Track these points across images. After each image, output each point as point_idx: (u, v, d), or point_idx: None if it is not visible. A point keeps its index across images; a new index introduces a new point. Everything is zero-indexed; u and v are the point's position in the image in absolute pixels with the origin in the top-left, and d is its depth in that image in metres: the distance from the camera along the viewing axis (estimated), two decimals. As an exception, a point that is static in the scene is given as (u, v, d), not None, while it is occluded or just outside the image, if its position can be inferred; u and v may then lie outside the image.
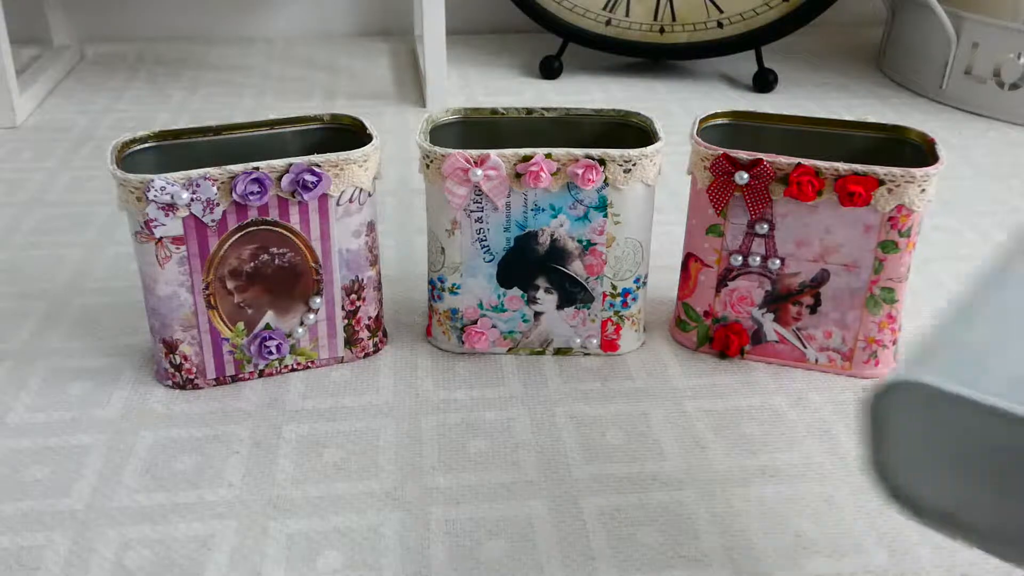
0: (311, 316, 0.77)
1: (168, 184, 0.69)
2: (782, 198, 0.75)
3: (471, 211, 0.76)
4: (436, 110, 0.90)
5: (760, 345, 0.81)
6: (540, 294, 0.80)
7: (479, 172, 0.73)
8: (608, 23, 1.53)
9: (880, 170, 0.72)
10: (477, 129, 0.82)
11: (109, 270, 0.96)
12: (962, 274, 0.97)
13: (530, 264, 0.78)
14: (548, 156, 0.74)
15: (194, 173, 0.70)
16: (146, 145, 0.76)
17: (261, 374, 0.79)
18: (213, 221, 0.71)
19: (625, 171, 0.74)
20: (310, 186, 0.72)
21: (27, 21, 1.64)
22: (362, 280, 0.78)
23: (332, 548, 0.62)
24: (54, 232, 1.04)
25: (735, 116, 0.82)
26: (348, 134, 0.80)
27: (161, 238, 0.71)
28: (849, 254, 0.75)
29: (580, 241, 0.77)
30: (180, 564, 0.61)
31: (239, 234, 0.73)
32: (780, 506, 0.66)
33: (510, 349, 0.82)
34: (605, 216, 0.76)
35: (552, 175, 0.74)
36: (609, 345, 0.82)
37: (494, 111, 0.82)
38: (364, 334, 0.81)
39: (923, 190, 0.72)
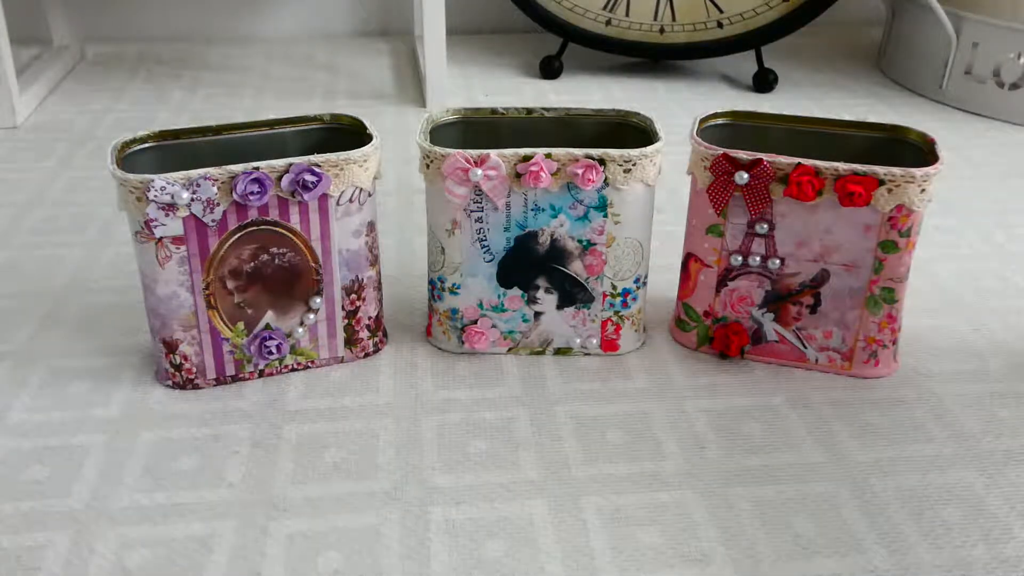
0: (311, 316, 0.77)
1: (168, 184, 0.69)
2: (782, 198, 0.75)
3: (471, 211, 0.76)
4: (436, 110, 0.90)
5: (760, 345, 0.81)
6: (540, 294, 0.80)
7: (479, 172, 0.73)
8: (608, 23, 1.53)
9: (880, 170, 0.72)
10: (477, 129, 0.82)
11: (109, 270, 0.96)
12: (962, 274, 0.97)
13: (530, 264, 0.78)
14: (548, 156, 0.74)
15: (194, 173, 0.70)
16: (146, 145, 0.76)
17: (261, 374, 0.79)
18: (213, 221, 0.71)
19: (625, 171, 0.74)
20: (310, 186, 0.72)
21: (27, 21, 1.64)
22: (362, 280, 0.78)
23: (332, 548, 0.62)
24: (54, 232, 1.04)
25: (735, 116, 0.82)
26: (348, 134, 0.80)
27: (161, 238, 0.71)
28: (849, 254, 0.75)
29: (580, 241, 0.77)
30: (180, 564, 0.61)
31: (239, 234, 0.73)
32: (780, 506, 0.66)
33: (510, 349, 0.82)
34: (605, 216, 0.76)
35: (552, 175, 0.74)
36: (609, 345, 0.82)
37: (494, 111, 0.82)
38: (364, 334, 0.81)
39: (923, 190, 0.72)
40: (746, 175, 0.74)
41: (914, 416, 0.75)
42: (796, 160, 0.73)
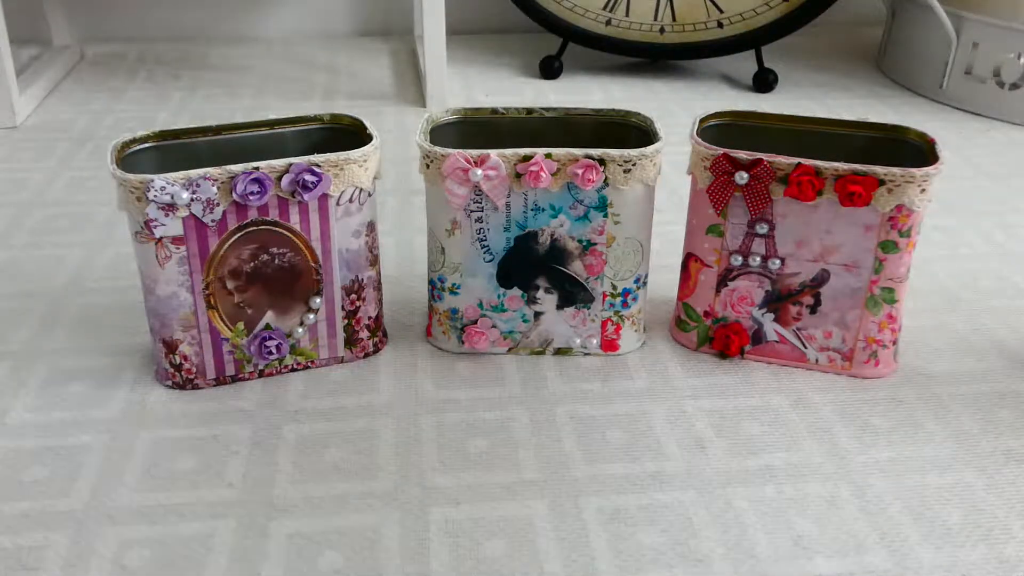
0: (311, 316, 0.77)
1: (168, 184, 0.69)
2: (782, 198, 0.75)
3: (471, 211, 0.76)
4: (436, 110, 0.90)
5: (760, 345, 0.81)
6: (540, 294, 0.80)
7: (479, 172, 0.73)
8: (608, 23, 1.53)
9: (880, 170, 0.72)
10: (477, 129, 0.82)
11: (109, 270, 0.96)
12: (962, 274, 0.97)
13: (530, 264, 0.78)
14: (548, 156, 0.74)
15: (194, 173, 0.70)
16: (146, 145, 0.76)
17: (261, 374, 0.79)
18: (213, 221, 0.71)
19: (625, 171, 0.74)
20: (310, 186, 0.72)
21: (27, 21, 1.64)
22: (362, 280, 0.78)
23: (332, 548, 0.62)
24: (54, 232, 1.04)
25: (735, 116, 0.82)
26: (348, 134, 0.80)
27: (161, 238, 0.71)
28: (849, 254, 0.75)
29: (580, 241, 0.77)
30: (180, 564, 0.61)
31: (239, 234, 0.73)
32: (780, 506, 0.66)
33: (510, 349, 0.82)
34: (605, 216, 0.76)
35: (552, 175, 0.74)
36: (609, 345, 0.82)
37: (494, 111, 0.82)
38: (364, 334, 0.81)
39: (923, 190, 0.72)
40: (746, 175, 0.74)
41: (914, 416, 0.75)
42: (796, 160, 0.73)
